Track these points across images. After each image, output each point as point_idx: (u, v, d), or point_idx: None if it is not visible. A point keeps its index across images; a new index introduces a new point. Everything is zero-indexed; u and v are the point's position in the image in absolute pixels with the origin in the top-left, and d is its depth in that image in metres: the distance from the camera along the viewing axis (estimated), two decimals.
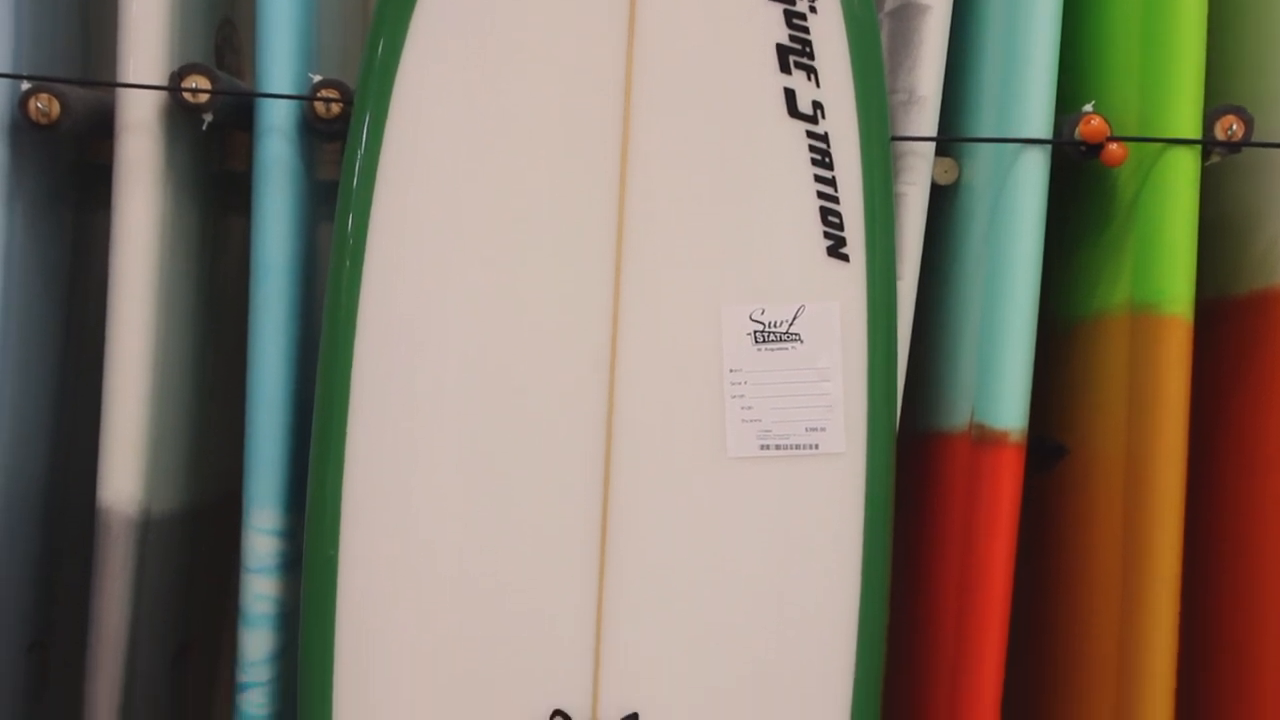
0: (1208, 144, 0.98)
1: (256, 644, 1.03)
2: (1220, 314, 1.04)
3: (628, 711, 0.97)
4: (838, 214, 0.95)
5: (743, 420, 0.95)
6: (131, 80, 1.00)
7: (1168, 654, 0.95)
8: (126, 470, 1.00)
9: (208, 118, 1.01)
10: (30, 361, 1.07)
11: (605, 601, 0.96)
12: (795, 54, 0.93)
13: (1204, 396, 0.98)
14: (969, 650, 0.98)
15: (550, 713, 0.97)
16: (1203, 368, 0.97)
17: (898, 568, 0.97)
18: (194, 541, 1.16)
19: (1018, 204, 0.99)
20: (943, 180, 1.08)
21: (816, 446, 0.95)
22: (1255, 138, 0.99)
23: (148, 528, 1.02)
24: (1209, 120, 0.98)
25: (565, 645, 0.96)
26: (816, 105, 0.94)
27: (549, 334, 0.96)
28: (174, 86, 1.00)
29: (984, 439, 0.98)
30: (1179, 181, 0.97)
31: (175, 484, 1.09)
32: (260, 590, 1.02)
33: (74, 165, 1.13)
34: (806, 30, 0.93)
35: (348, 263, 0.95)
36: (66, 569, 1.14)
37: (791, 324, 0.95)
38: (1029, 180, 0.99)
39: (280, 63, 1.02)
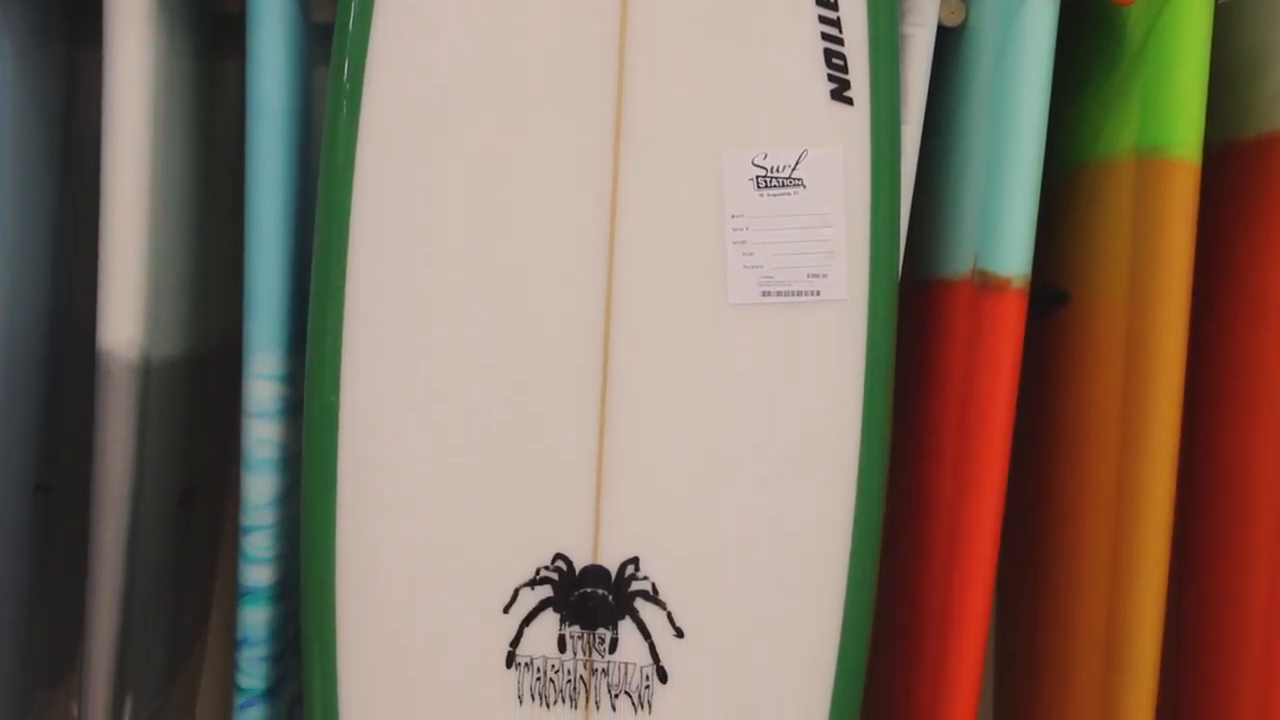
0: None
1: (259, 488, 1.04)
2: (1227, 158, 1.03)
3: (628, 555, 0.98)
4: (842, 56, 0.93)
5: (744, 267, 0.95)
6: None
7: (1165, 492, 0.95)
8: (126, 314, 0.99)
9: None
10: (26, 202, 1.06)
11: (606, 447, 0.96)
12: None
13: (1208, 242, 0.97)
14: (968, 490, 0.98)
15: (552, 556, 0.98)
16: (1208, 214, 0.96)
17: (899, 415, 0.97)
18: (196, 387, 1.16)
19: (1025, 45, 0.97)
20: (949, 21, 1.06)
21: (818, 293, 0.95)
22: None
23: (149, 372, 1.02)
24: None
25: (567, 490, 0.97)
26: None
27: (549, 179, 0.95)
28: None
29: (987, 285, 0.98)
30: (1191, 19, 0.95)
31: (176, 329, 1.09)
32: (262, 435, 1.03)
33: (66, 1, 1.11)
34: None
35: (345, 105, 0.94)
36: (70, 412, 1.15)
37: (794, 169, 0.94)
38: (1037, 21, 0.96)
39: None
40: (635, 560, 0.98)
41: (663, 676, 0.99)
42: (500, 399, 0.96)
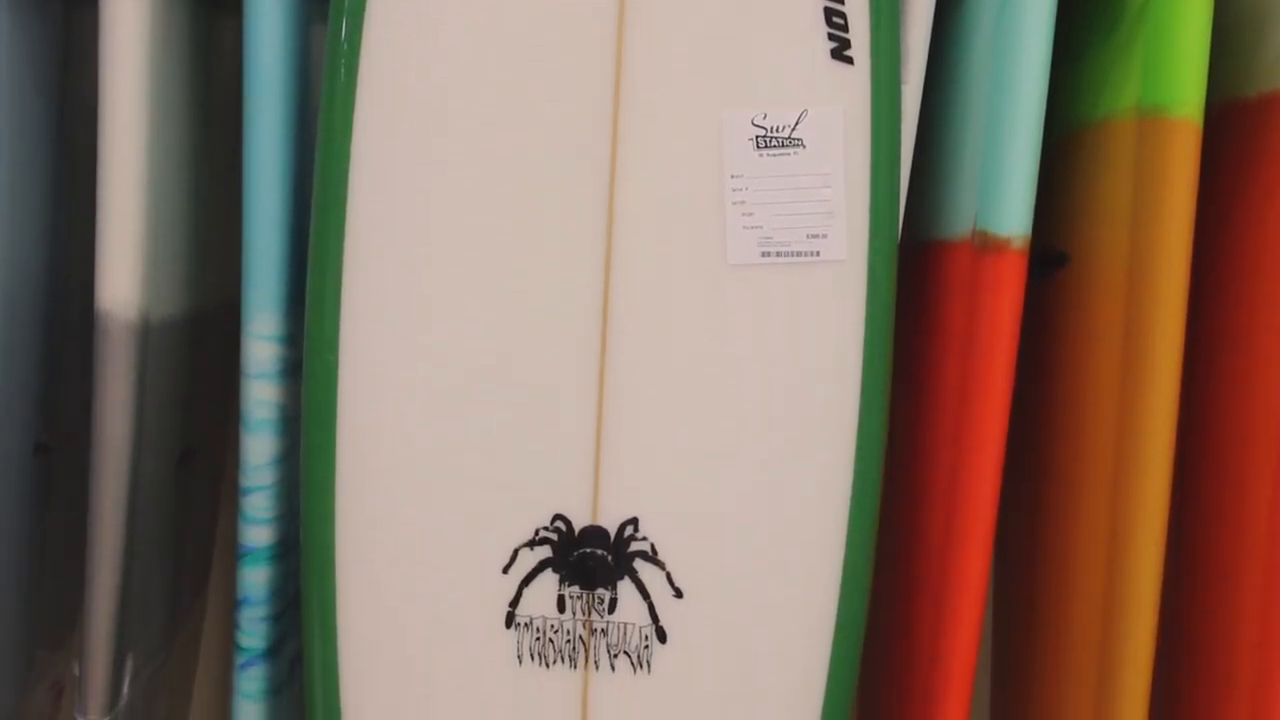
0: None
1: (258, 449, 1.04)
2: (1227, 118, 1.02)
3: (627, 516, 0.98)
4: (842, 15, 0.93)
5: (744, 227, 0.94)
6: None
7: (1164, 454, 0.95)
8: (124, 275, 0.99)
9: None
10: (23, 160, 1.06)
11: (605, 408, 0.96)
12: None
13: (1208, 202, 0.97)
14: (967, 452, 0.98)
15: (551, 516, 0.98)
16: (1208, 174, 0.96)
17: (898, 377, 0.97)
18: (195, 347, 1.16)
19: (1026, 4, 0.96)
20: None
21: (817, 254, 0.95)
22: None
23: (148, 333, 1.02)
24: None
25: (566, 451, 0.97)
26: None
27: (548, 139, 0.95)
28: None
29: (986, 246, 0.98)
30: None
31: (175, 289, 1.08)
32: (261, 396, 1.03)
33: None
34: None
35: (342, 66, 0.94)
36: (69, 372, 1.15)
37: (794, 129, 0.93)
38: None
39: None
40: (634, 521, 0.98)
41: (662, 636, 0.99)
42: (500, 359, 0.96)
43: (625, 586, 0.98)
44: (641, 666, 0.99)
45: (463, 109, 0.94)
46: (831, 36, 0.93)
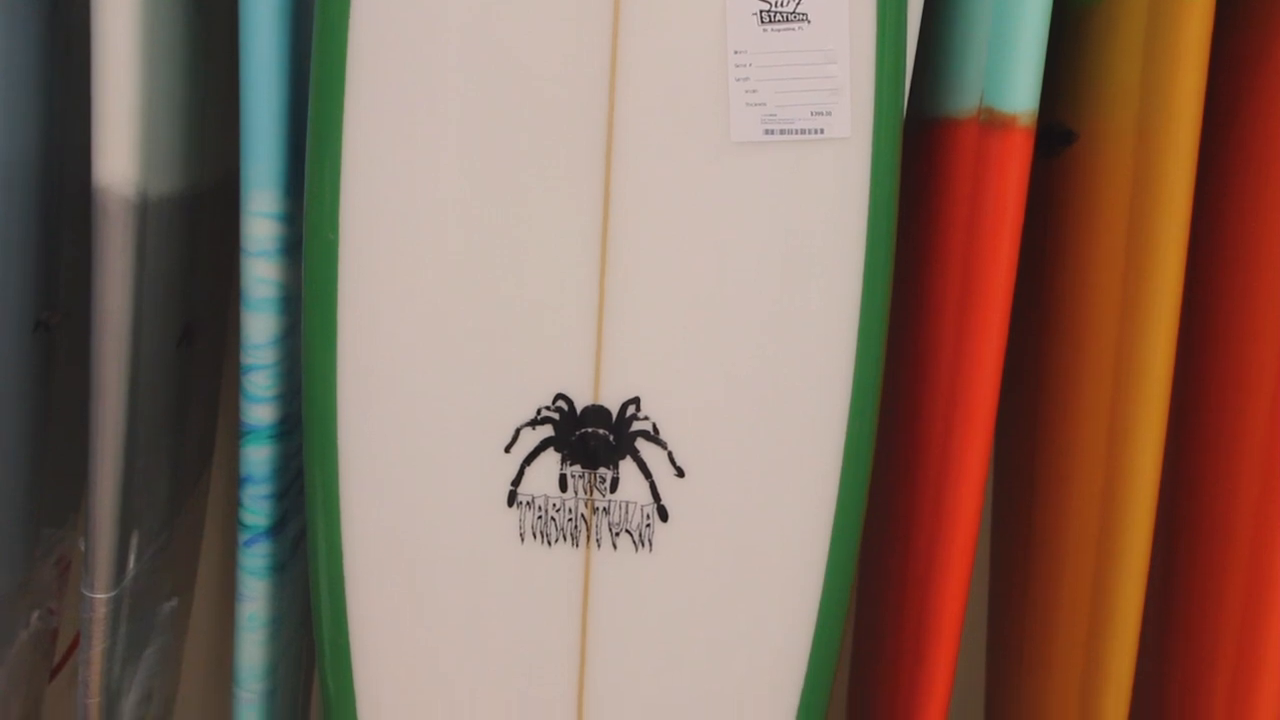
0: None
1: (259, 327, 1.03)
2: None
3: (629, 395, 0.98)
4: None
5: (747, 104, 0.93)
6: None
7: (1168, 335, 0.95)
8: (121, 150, 0.98)
9: None
10: (14, 34, 1.05)
11: (607, 287, 0.96)
12: None
13: (1220, 85, 0.96)
14: (971, 330, 0.98)
15: (553, 396, 0.98)
16: (1220, 54, 0.94)
17: (901, 257, 0.96)
18: (193, 225, 1.15)
19: None
20: None
21: (821, 131, 0.93)
22: None
23: (145, 210, 1.01)
24: None
25: (567, 332, 0.97)
26: None
27: (550, 17, 0.93)
28: None
29: (993, 123, 0.96)
30: None
31: (173, 166, 1.07)
32: (261, 274, 1.02)
33: None
34: None
35: None
36: (67, 250, 1.14)
37: (799, 3, 0.92)
38: None
39: None
40: (636, 400, 0.98)
41: (663, 515, 0.99)
42: (502, 236, 0.95)
43: (627, 466, 0.99)
44: (643, 545, 1.00)
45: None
46: None
